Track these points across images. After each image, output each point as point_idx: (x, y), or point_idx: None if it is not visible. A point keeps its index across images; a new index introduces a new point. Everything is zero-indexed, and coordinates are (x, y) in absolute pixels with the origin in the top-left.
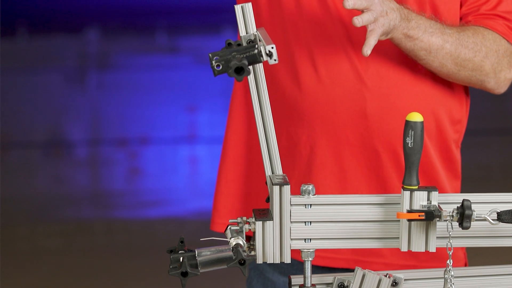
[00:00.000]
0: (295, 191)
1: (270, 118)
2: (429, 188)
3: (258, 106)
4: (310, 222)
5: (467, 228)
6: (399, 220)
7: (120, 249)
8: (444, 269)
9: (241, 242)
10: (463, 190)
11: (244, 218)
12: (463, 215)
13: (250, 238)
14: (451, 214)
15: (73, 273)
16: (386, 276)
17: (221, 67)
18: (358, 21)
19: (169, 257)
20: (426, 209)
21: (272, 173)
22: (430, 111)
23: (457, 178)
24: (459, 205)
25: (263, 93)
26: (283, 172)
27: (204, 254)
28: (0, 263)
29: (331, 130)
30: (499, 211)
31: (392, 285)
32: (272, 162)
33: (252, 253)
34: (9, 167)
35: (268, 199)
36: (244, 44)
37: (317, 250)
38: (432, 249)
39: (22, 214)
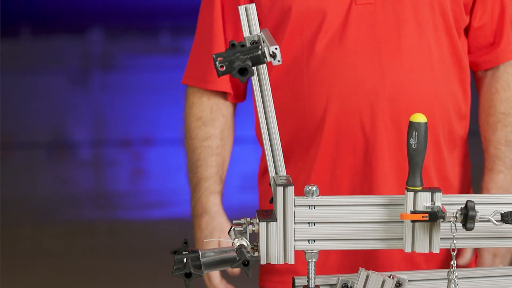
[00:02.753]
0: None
1: (274, 119)
2: (432, 189)
3: (262, 107)
4: (314, 223)
5: (471, 229)
6: (402, 221)
7: (123, 250)
8: (448, 270)
9: (244, 243)
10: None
11: (248, 219)
12: (467, 216)
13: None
14: (454, 215)
15: (75, 274)
16: (390, 277)
17: (225, 68)
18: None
19: (172, 258)
20: (429, 210)
21: (276, 174)
22: (441, 107)
23: (468, 173)
24: (462, 206)
25: (267, 94)
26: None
27: (208, 255)
28: (2, 264)
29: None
30: (502, 212)
31: (395, 286)
32: (276, 163)
33: (256, 254)
34: (12, 168)
35: (271, 200)
36: (248, 45)
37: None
38: (436, 250)
39: (24, 215)
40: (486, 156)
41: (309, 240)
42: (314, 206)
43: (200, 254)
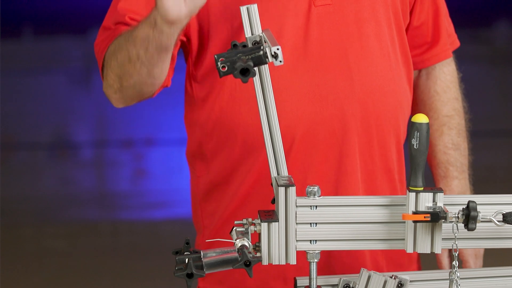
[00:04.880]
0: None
1: (276, 120)
2: (434, 190)
3: (263, 107)
4: (316, 223)
5: (473, 229)
6: (404, 222)
7: (125, 250)
8: (450, 270)
9: (246, 244)
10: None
11: (250, 220)
12: (469, 217)
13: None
14: (456, 215)
15: (78, 274)
16: (391, 277)
17: (226, 68)
18: None
19: (174, 258)
20: (431, 210)
21: (278, 174)
22: (400, 109)
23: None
24: (464, 206)
25: (269, 95)
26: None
27: (210, 255)
28: (4, 264)
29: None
30: (504, 212)
31: (397, 286)
32: (278, 164)
33: (258, 254)
34: (15, 168)
35: (273, 201)
36: (250, 45)
37: None
38: (438, 250)
39: (27, 215)
40: (434, 163)
41: (311, 241)
42: (316, 206)
43: (202, 254)
